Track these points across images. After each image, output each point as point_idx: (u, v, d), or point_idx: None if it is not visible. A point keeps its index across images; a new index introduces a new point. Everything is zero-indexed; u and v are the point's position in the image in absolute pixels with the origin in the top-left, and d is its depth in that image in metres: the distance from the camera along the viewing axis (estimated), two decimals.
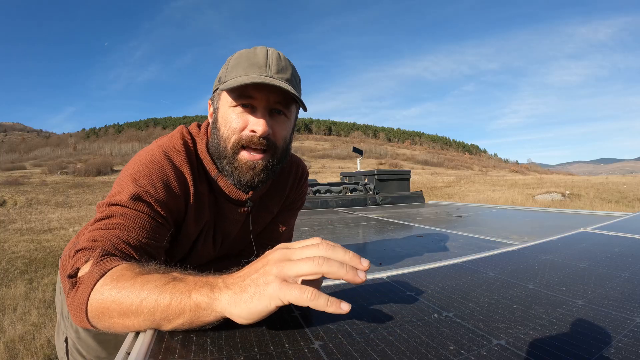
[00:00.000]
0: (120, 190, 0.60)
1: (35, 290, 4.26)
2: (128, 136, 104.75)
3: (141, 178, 0.60)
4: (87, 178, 30.29)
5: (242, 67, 0.63)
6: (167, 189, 0.61)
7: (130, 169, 0.62)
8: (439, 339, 0.45)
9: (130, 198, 0.58)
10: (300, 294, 0.39)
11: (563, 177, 25.36)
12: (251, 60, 0.63)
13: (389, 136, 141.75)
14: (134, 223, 0.57)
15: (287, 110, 0.67)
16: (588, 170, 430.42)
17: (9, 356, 2.69)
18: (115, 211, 0.57)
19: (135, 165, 0.62)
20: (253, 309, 0.41)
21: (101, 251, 0.51)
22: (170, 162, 0.63)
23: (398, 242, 1.53)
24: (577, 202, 12.66)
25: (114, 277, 0.46)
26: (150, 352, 0.41)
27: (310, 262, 0.41)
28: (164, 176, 0.62)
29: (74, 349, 0.97)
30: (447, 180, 25.69)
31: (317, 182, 4.21)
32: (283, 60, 0.64)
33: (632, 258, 0.87)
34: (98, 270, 0.48)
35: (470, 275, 0.75)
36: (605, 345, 0.43)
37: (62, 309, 1.00)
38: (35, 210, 13.56)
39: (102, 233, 0.55)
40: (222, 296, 0.41)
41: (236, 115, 0.64)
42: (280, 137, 0.67)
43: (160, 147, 0.65)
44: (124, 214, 0.57)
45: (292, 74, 0.65)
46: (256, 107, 0.64)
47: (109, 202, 0.59)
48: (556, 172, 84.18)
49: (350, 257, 0.42)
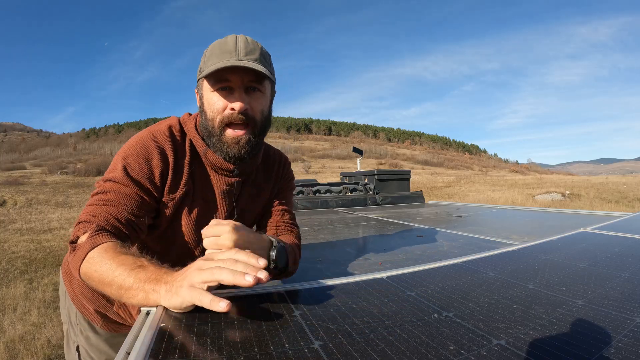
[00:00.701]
0: (113, 168, 0.74)
1: (35, 290, 4.26)
2: (128, 136, 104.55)
3: (129, 156, 0.74)
4: (87, 178, 30.29)
5: (215, 56, 0.73)
6: (149, 164, 0.74)
7: (122, 150, 0.76)
8: (439, 339, 0.45)
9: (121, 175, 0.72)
10: (195, 297, 0.50)
11: (563, 177, 25.36)
12: (222, 48, 0.73)
13: (389, 136, 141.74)
14: (122, 199, 0.70)
15: (261, 85, 0.76)
16: (588, 170, 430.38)
17: (9, 356, 2.69)
18: (108, 187, 0.72)
19: (126, 147, 0.76)
20: (173, 303, 0.52)
21: (96, 227, 0.65)
22: (154, 142, 0.76)
23: (398, 242, 1.53)
24: (577, 202, 12.66)
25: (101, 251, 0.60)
26: (150, 352, 0.41)
27: (208, 271, 0.51)
28: (147, 154, 0.74)
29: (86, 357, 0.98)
30: (447, 180, 25.69)
31: (317, 182, 4.20)
32: (251, 43, 0.73)
33: (632, 258, 0.87)
34: (91, 243, 0.62)
35: (470, 275, 0.75)
36: (605, 345, 0.43)
37: (70, 316, 0.99)
38: (35, 210, 13.56)
39: (97, 209, 0.69)
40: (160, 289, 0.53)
41: (217, 97, 0.74)
42: (258, 110, 0.77)
43: (147, 130, 0.79)
44: (114, 190, 0.71)
45: (260, 54, 0.74)
46: (233, 88, 0.74)
47: (104, 179, 0.74)
48: (556, 172, 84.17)
49: (244, 264, 0.52)
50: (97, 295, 0.86)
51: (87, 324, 0.96)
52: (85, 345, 0.97)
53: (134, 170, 0.73)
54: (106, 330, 0.95)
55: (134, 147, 0.75)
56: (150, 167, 0.74)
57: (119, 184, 0.72)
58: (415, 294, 0.63)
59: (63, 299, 1.02)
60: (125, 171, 0.72)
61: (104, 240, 0.63)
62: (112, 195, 0.70)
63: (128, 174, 0.72)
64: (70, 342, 1.01)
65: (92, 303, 0.89)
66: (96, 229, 0.65)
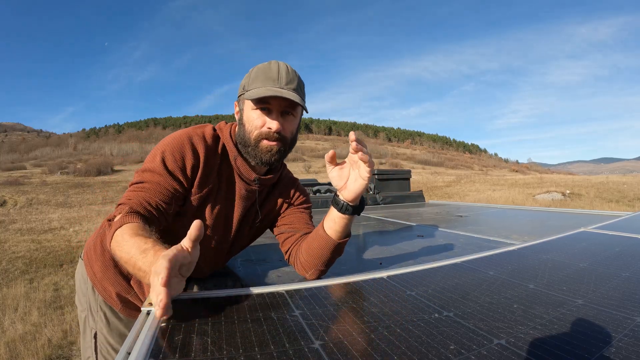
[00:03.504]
0: (151, 160, 0.84)
1: (36, 290, 4.26)
2: (128, 136, 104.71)
3: (166, 150, 0.84)
4: (87, 178, 30.27)
5: (260, 80, 0.85)
6: (183, 158, 0.84)
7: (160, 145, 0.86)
8: (440, 339, 0.45)
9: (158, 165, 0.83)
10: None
11: (563, 177, 25.34)
12: (267, 74, 0.85)
13: (389, 136, 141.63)
14: (156, 187, 0.81)
15: (294, 111, 0.89)
16: (588, 169, 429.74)
17: (9, 356, 2.69)
18: (145, 177, 0.83)
19: (164, 142, 0.87)
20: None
21: (129, 209, 0.76)
22: (189, 141, 0.86)
23: (398, 242, 1.53)
24: (577, 201, 12.65)
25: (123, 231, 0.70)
26: (150, 352, 0.41)
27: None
28: (182, 149, 0.84)
29: (104, 344, 1.04)
30: (448, 180, 25.68)
31: (318, 182, 4.20)
32: (291, 73, 0.86)
33: (633, 258, 0.87)
34: (121, 221, 0.72)
35: (470, 275, 0.75)
36: (605, 344, 0.43)
37: (90, 303, 1.05)
38: (36, 211, 13.57)
39: (134, 194, 0.81)
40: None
41: (257, 116, 0.86)
42: (289, 131, 0.90)
43: (184, 131, 0.89)
44: (150, 179, 0.82)
45: (297, 84, 0.87)
46: (271, 110, 0.86)
47: (143, 169, 0.84)
48: (556, 171, 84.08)
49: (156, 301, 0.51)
50: (118, 277, 0.95)
51: (108, 309, 1.03)
52: (105, 330, 1.03)
53: (170, 162, 0.83)
54: (125, 315, 1.03)
55: (171, 143, 0.85)
56: (183, 161, 0.84)
57: (156, 173, 0.83)
58: (415, 294, 0.63)
59: (83, 286, 1.07)
60: (162, 162, 0.83)
61: (131, 221, 0.73)
62: (148, 184, 0.82)
63: (165, 164, 0.83)
64: (88, 329, 1.07)
65: (114, 286, 0.96)
66: (128, 210, 0.76)
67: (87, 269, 1.02)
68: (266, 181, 0.96)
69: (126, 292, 0.97)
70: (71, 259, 5.86)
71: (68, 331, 3.09)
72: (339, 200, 0.84)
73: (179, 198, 0.85)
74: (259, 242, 1.55)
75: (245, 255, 1.28)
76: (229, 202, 0.94)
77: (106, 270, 0.96)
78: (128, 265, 0.67)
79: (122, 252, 0.68)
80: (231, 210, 0.95)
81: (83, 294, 1.07)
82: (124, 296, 0.98)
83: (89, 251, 1.03)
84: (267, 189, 1.01)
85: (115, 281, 0.96)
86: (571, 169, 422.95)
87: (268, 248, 1.43)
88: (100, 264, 0.97)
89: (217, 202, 0.91)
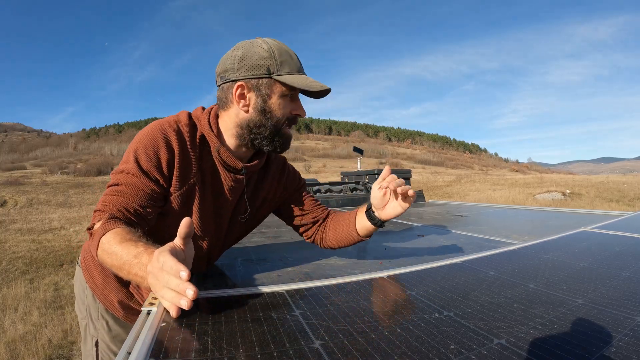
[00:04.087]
0: (125, 160, 0.81)
1: (36, 290, 4.26)
2: (128, 136, 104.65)
3: (139, 149, 0.80)
4: (87, 178, 30.28)
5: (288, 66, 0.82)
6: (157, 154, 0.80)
7: (133, 143, 0.82)
8: (440, 338, 0.45)
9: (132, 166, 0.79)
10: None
11: (563, 177, 25.33)
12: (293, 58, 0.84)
13: (390, 135, 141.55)
14: (132, 190, 0.78)
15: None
16: (588, 169, 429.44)
17: (10, 356, 2.70)
18: (120, 179, 0.79)
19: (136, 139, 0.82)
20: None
21: (109, 215, 0.74)
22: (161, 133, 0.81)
23: (398, 242, 1.52)
24: (577, 201, 12.65)
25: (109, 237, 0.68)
26: (150, 352, 0.41)
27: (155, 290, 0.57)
28: (155, 145, 0.80)
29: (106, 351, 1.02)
30: (448, 180, 25.68)
31: (318, 182, 4.19)
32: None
33: (633, 257, 0.87)
34: (103, 229, 0.70)
35: (470, 275, 0.75)
36: (605, 344, 0.43)
37: (90, 312, 1.03)
38: (36, 211, 13.57)
39: (110, 199, 0.77)
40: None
41: (287, 102, 0.85)
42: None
43: (156, 123, 0.84)
44: (125, 181, 0.78)
45: None
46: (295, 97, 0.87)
47: (117, 170, 0.81)
48: (557, 171, 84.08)
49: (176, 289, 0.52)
50: (120, 284, 0.94)
51: (110, 317, 1.01)
52: (107, 337, 1.01)
53: (143, 161, 0.79)
54: (128, 322, 1.01)
55: (143, 139, 0.81)
56: (158, 157, 0.80)
57: (130, 174, 0.79)
58: (415, 293, 0.63)
59: (82, 294, 1.05)
60: (136, 162, 0.79)
61: (114, 227, 0.70)
62: (123, 187, 0.78)
63: (139, 165, 0.79)
64: (89, 337, 1.05)
65: (115, 294, 0.95)
66: (108, 217, 0.73)
67: (86, 276, 1.01)
68: (253, 167, 0.93)
69: (128, 299, 0.96)
70: (71, 259, 5.86)
71: (68, 331, 3.09)
72: (375, 217, 0.94)
73: (158, 199, 0.82)
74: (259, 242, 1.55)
75: (245, 255, 1.28)
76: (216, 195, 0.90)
77: (107, 279, 0.95)
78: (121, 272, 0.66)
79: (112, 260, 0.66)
80: (221, 203, 0.91)
81: (82, 302, 1.05)
82: (126, 303, 0.97)
83: (86, 259, 1.01)
84: (256, 174, 0.97)
85: (116, 289, 0.95)
86: (571, 169, 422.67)
87: (268, 248, 1.43)
88: (100, 272, 0.95)
89: (204, 196, 0.87)
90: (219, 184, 0.89)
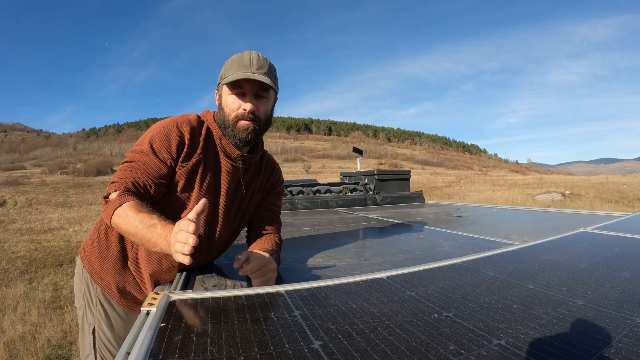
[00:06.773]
0: (140, 143, 0.96)
1: (35, 290, 4.25)
2: (128, 136, 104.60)
3: (154, 135, 0.95)
4: (87, 178, 30.25)
5: (234, 67, 0.95)
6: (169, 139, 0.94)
7: (149, 131, 0.98)
8: (439, 339, 0.45)
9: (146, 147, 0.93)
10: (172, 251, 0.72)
11: (563, 177, 25.35)
12: (240, 62, 0.95)
13: (389, 136, 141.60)
14: (143, 167, 0.92)
15: (267, 93, 0.99)
16: (588, 170, 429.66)
17: (9, 356, 2.69)
18: (135, 157, 0.94)
19: (152, 128, 0.98)
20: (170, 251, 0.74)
21: (124, 187, 0.89)
22: (175, 125, 0.96)
23: (398, 242, 1.53)
24: (577, 202, 12.65)
25: (126, 208, 0.84)
26: (150, 352, 0.41)
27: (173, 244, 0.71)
28: (168, 133, 0.95)
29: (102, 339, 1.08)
30: (447, 180, 25.69)
31: (317, 182, 4.19)
32: (262, 60, 0.96)
33: (632, 258, 0.87)
34: (120, 200, 0.85)
35: (470, 275, 0.75)
36: (605, 345, 0.43)
37: (88, 299, 1.10)
38: (35, 211, 13.56)
39: (125, 173, 0.92)
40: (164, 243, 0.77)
41: (233, 99, 0.97)
42: (262, 112, 1.00)
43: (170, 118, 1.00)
44: (138, 160, 0.93)
45: (268, 69, 0.96)
46: (245, 94, 0.97)
47: (133, 150, 0.96)
48: (556, 172, 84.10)
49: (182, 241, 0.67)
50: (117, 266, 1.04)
51: (106, 302, 1.08)
52: (103, 324, 1.08)
53: (156, 144, 0.93)
54: (123, 306, 1.08)
55: (158, 128, 0.97)
56: (169, 142, 0.94)
57: (144, 154, 0.93)
58: (415, 294, 0.63)
59: (80, 281, 1.12)
60: (150, 144, 0.93)
61: (129, 200, 0.85)
62: (136, 164, 0.93)
63: (152, 147, 0.93)
64: (86, 325, 1.11)
65: (112, 276, 1.04)
66: (124, 189, 0.88)
67: (85, 262, 1.09)
68: (249, 159, 1.06)
69: (124, 280, 1.05)
70: (71, 259, 5.86)
71: (67, 331, 3.09)
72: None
73: (165, 177, 0.95)
74: None
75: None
76: (216, 177, 1.03)
77: (104, 262, 1.04)
78: (134, 237, 0.80)
79: (127, 225, 0.81)
80: (219, 184, 1.03)
81: (80, 290, 1.13)
82: (122, 285, 1.05)
83: (85, 247, 1.11)
84: (251, 170, 1.10)
85: (113, 270, 1.04)
86: (571, 170, 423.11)
87: None
88: (98, 256, 1.05)
89: (205, 176, 1.00)
90: (219, 167, 1.03)
